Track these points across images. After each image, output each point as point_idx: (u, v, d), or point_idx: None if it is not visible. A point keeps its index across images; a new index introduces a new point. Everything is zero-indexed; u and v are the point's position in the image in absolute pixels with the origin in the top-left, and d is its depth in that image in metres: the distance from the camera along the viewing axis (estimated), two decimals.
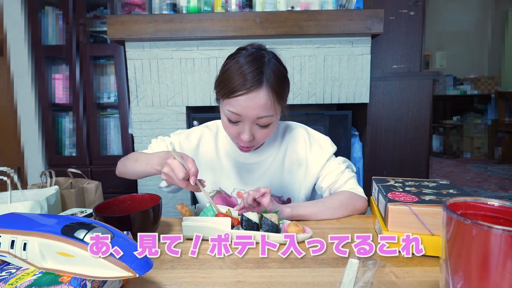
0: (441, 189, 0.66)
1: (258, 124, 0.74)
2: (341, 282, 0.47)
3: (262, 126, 0.74)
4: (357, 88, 1.71)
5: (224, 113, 0.75)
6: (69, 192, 1.09)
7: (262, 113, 0.72)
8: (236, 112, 0.71)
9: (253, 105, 0.70)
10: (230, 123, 0.75)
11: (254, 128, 0.74)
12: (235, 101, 0.70)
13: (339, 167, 0.87)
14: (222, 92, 0.73)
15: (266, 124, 0.75)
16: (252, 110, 0.71)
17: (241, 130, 0.74)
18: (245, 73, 0.70)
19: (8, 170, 0.78)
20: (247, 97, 0.70)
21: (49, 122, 2.06)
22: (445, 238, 0.36)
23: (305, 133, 0.91)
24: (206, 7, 1.71)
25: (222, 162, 0.90)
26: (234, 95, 0.70)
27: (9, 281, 0.41)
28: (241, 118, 0.72)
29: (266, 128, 0.75)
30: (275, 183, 0.89)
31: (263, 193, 0.70)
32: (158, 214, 0.65)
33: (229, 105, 0.72)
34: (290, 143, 0.90)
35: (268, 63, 0.73)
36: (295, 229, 0.64)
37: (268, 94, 0.71)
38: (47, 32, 2.05)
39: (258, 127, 0.75)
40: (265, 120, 0.73)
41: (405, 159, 1.90)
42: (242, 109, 0.71)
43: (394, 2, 1.88)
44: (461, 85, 4.73)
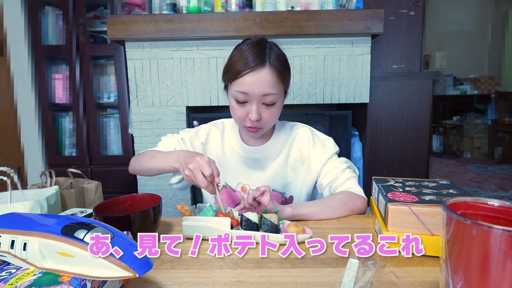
0: (441, 189, 0.66)
1: (264, 104, 0.79)
2: (341, 282, 0.47)
3: (268, 105, 0.79)
4: (357, 88, 1.71)
5: (232, 96, 0.80)
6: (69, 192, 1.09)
7: (267, 90, 0.77)
8: (243, 91, 0.77)
9: (258, 83, 0.76)
10: (238, 105, 0.79)
11: (260, 108, 0.79)
12: (242, 80, 0.76)
13: (340, 165, 0.89)
14: (229, 76, 0.79)
15: (272, 103, 0.79)
16: (258, 88, 0.76)
17: (248, 111, 0.79)
18: (249, 55, 0.77)
19: (8, 170, 0.78)
20: (252, 75, 0.76)
21: (49, 122, 2.06)
22: (445, 238, 0.36)
23: (309, 132, 0.94)
24: (206, 7, 1.71)
25: (228, 157, 0.93)
26: (240, 75, 0.76)
27: (9, 281, 0.41)
28: (248, 97, 0.77)
29: (271, 107, 0.80)
30: (278, 179, 0.92)
31: (263, 192, 0.71)
32: (158, 214, 0.65)
33: (236, 85, 0.77)
34: (295, 141, 0.93)
35: (270, 48, 0.80)
36: (295, 229, 0.64)
37: (272, 73, 0.77)
38: (47, 32, 2.05)
39: (264, 106, 0.79)
40: (270, 98, 0.78)
41: (405, 159, 1.90)
42: (249, 87, 0.76)
43: (394, 2, 1.88)
44: (461, 85, 4.73)
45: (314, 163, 0.91)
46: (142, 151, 0.92)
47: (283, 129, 0.95)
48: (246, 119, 0.80)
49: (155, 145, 1.75)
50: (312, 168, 0.91)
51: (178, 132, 0.99)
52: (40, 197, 0.83)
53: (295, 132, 0.94)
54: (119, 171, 2.05)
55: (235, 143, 0.93)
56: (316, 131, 0.96)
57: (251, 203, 0.72)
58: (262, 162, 0.92)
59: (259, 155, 0.91)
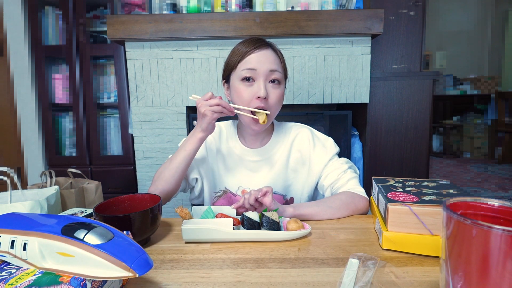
0: (441, 189, 0.66)
1: (271, 82, 0.82)
2: (341, 282, 0.47)
3: (274, 83, 0.83)
4: (357, 88, 1.71)
5: (238, 78, 0.83)
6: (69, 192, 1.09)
7: (273, 66, 0.82)
8: (251, 67, 0.81)
9: (265, 58, 0.81)
10: (245, 85, 0.82)
11: (267, 86, 0.82)
12: (249, 58, 0.81)
13: (342, 166, 0.89)
14: (234, 61, 0.83)
15: (278, 82, 0.83)
16: (265, 63, 0.81)
17: (255, 91, 0.81)
18: (252, 41, 0.84)
19: (8, 170, 0.78)
20: (259, 53, 0.81)
21: (49, 122, 2.06)
22: (445, 238, 0.36)
23: (309, 133, 0.93)
24: (206, 7, 1.71)
25: (227, 161, 0.92)
26: (247, 54, 0.81)
27: (9, 281, 0.41)
28: (256, 73, 0.81)
29: (277, 88, 0.83)
30: (279, 181, 0.91)
31: (265, 192, 0.70)
32: (158, 214, 0.65)
33: (244, 64, 0.81)
34: (295, 142, 0.93)
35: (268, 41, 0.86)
36: (295, 225, 0.65)
37: (276, 54, 0.84)
38: (47, 32, 2.05)
39: (271, 85, 0.82)
40: (276, 75, 0.82)
41: (405, 159, 1.90)
42: (256, 63, 0.81)
43: (394, 2, 1.88)
44: (461, 85, 4.73)
45: (315, 164, 0.91)
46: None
47: (283, 130, 0.95)
48: (253, 100, 0.81)
49: (155, 145, 1.77)
50: (313, 170, 0.91)
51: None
52: (40, 197, 0.83)
53: (294, 133, 0.94)
54: (119, 171, 2.05)
55: (234, 146, 0.92)
56: (315, 132, 0.96)
57: (252, 203, 0.71)
58: (263, 164, 0.91)
59: (259, 157, 0.91)
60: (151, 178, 1.76)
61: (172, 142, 1.72)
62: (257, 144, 0.92)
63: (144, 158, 1.74)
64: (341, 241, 0.64)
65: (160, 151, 1.72)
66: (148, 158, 1.73)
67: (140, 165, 1.76)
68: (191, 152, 0.81)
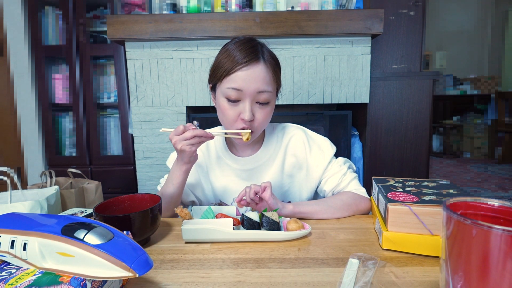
0: (441, 189, 0.66)
1: (258, 102, 0.75)
2: (341, 282, 0.47)
3: (261, 104, 0.75)
4: (357, 88, 1.71)
5: (222, 95, 0.75)
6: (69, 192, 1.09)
7: (262, 87, 0.73)
8: (236, 87, 0.72)
9: (253, 78, 0.72)
10: (230, 104, 0.75)
11: (254, 107, 0.75)
12: (235, 76, 0.72)
13: (341, 169, 0.86)
14: (219, 73, 0.75)
15: (266, 102, 0.76)
16: (253, 83, 0.72)
17: (241, 110, 0.74)
18: (242, 50, 0.73)
19: (8, 170, 0.78)
20: (247, 70, 0.72)
21: (49, 122, 2.06)
22: (445, 238, 0.36)
23: (303, 135, 0.89)
24: (206, 7, 1.71)
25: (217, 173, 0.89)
26: (233, 71, 0.72)
27: (9, 281, 0.41)
28: (241, 94, 0.73)
29: (265, 107, 0.76)
30: (275, 188, 0.88)
31: (264, 187, 0.70)
32: (158, 214, 0.65)
33: (229, 82, 0.73)
34: (289, 146, 0.88)
35: (262, 46, 0.77)
36: (295, 225, 0.64)
37: (267, 69, 0.74)
38: (47, 32, 2.05)
39: (258, 106, 0.75)
40: (265, 96, 0.74)
41: (405, 159, 1.90)
42: (243, 82, 0.72)
43: (394, 2, 1.88)
44: (461, 85, 4.73)
45: (313, 169, 0.87)
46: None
47: (274, 134, 0.90)
48: (238, 121, 0.76)
49: (155, 145, 1.77)
50: (312, 175, 0.87)
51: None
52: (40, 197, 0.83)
53: (288, 136, 0.89)
54: (119, 171, 2.05)
55: (224, 156, 0.88)
56: (309, 132, 0.92)
57: (253, 197, 0.70)
58: (256, 173, 0.87)
59: (252, 166, 0.86)
60: (151, 178, 1.76)
61: None
62: (248, 151, 0.88)
63: (144, 158, 1.74)
64: (341, 241, 0.64)
65: (160, 151, 1.72)
66: (148, 158, 1.74)
67: (140, 165, 1.76)
68: (179, 185, 0.77)
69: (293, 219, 0.66)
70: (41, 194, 0.84)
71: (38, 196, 0.84)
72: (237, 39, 0.78)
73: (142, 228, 0.61)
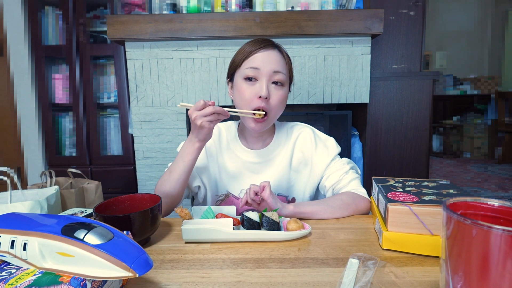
0: (441, 189, 0.66)
1: (273, 82, 0.81)
2: (341, 282, 0.47)
3: (277, 85, 0.82)
4: (357, 88, 1.71)
5: (241, 77, 0.82)
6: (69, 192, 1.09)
7: (277, 67, 0.81)
8: (255, 66, 0.80)
9: (270, 59, 0.81)
10: (247, 84, 0.81)
11: (270, 87, 0.81)
12: (253, 57, 0.81)
13: (344, 167, 0.88)
14: (239, 59, 0.83)
15: (281, 83, 0.82)
16: (269, 63, 0.80)
17: (257, 90, 0.80)
18: (259, 40, 0.83)
19: (8, 170, 0.78)
20: (264, 53, 0.81)
21: (49, 122, 2.06)
22: (445, 238, 0.36)
23: (311, 133, 0.93)
24: (206, 7, 1.71)
25: (228, 164, 0.91)
26: (252, 53, 0.81)
27: (9, 281, 0.41)
28: (259, 72, 0.80)
29: (280, 89, 0.82)
30: (283, 182, 0.90)
31: (263, 187, 0.72)
32: (158, 214, 0.65)
33: (248, 63, 0.81)
34: (297, 142, 0.92)
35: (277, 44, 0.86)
36: (295, 225, 0.64)
37: (281, 55, 0.84)
38: (47, 32, 2.05)
39: (273, 86, 0.82)
40: (279, 76, 0.81)
41: (405, 159, 1.90)
42: (261, 62, 0.80)
43: (394, 2, 1.88)
44: (461, 85, 4.73)
45: (317, 165, 0.90)
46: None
47: (284, 130, 0.94)
48: (254, 100, 0.80)
49: (155, 145, 1.77)
50: (315, 170, 0.90)
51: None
52: (40, 197, 0.83)
53: (296, 133, 0.93)
54: (119, 171, 2.05)
55: (235, 148, 0.91)
56: (317, 131, 0.95)
57: (253, 197, 0.72)
58: (266, 166, 0.90)
59: (261, 159, 0.89)
60: (151, 178, 1.76)
61: (172, 142, 1.72)
62: (259, 145, 0.91)
63: (144, 158, 1.74)
64: (341, 241, 0.64)
65: (160, 151, 1.72)
66: (148, 158, 1.74)
67: (140, 165, 1.76)
68: (190, 162, 0.78)
69: (293, 219, 0.67)
70: (41, 194, 0.84)
71: (38, 196, 0.84)
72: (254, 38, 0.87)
73: (142, 228, 0.61)
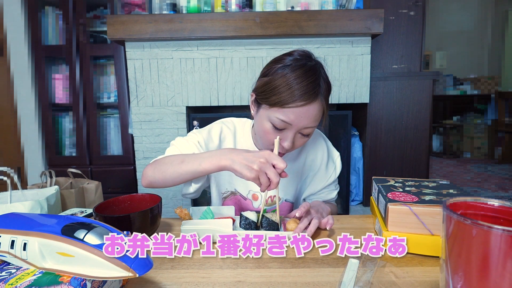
0: (441, 189, 0.66)
1: (301, 133, 0.74)
2: (341, 282, 0.47)
3: (303, 135, 0.74)
4: (357, 88, 1.71)
5: (269, 119, 0.72)
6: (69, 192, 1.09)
7: (311, 124, 0.72)
8: (288, 121, 0.70)
9: (306, 116, 0.70)
10: (274, 130, 0.72)
11: (296, 137, 0.74)
12: (290, 110, 0.69)
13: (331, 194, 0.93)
14: (273, 100, 0.70)
15: (308, 134, 0.75)
16: (304, 120, 0.70)
17: (282, 137, 0.73)
18: (303, 84, 0.68)
19: (8, 170, 0.78)
20: (303, 109, 0.69)
21: (49, 122, 2.06)
22: (445, 238, 0.36)
23: (325, 146, 0.92)
24: (206, 7, 1.71)
25: None
26: (289, 106, 0.68)
27: (9, 281, 0.41)
28: (290, 126, 0.71)
29: (306, 137, 0.75)
30: (292, 188, 0.90)
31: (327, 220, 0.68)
32: (158, 214, 0.65)
33: (281, 113, 0.70)
34: (311, 151, 0.91)
35: (321, 76, 0.72)
36: (295, 225, 0.64)
37: (322, 107, 0.72)
38: (47, 32, 2.05)
39: (300, 135, 0.74)
40: (309, 130, 0.73)
41: (405, 159, 1.90)
42: (295, 119, 0.70)
43: (394, 2, 1.88)
44: (461, 85, 4.73)
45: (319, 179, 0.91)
46: (153, 161, 0.81)
47: None
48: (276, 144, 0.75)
49: (155, 145, 1.77)
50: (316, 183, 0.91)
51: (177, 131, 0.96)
52: (40, 197, 0.83)
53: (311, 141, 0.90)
54: (119, 171, 2.05)
55: (248, 147, 0.87)
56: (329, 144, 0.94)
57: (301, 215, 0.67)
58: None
59: None
60: None
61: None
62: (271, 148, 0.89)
63: (144, 158, 1.74)
64: None
65: (160, 151, 1.72)
66: (148, 158, 1.73)
67: (140, 165, 1.76)
68: (204, 172, 0.69)
69: (293, 219, 0.66)
70: (41, 194, 0.84)
71: (38, 196, 0.84)
72: (295, 61, 0.72)
73: (142, 228, 0.61)
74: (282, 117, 0.70)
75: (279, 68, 0.72)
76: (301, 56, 0.73)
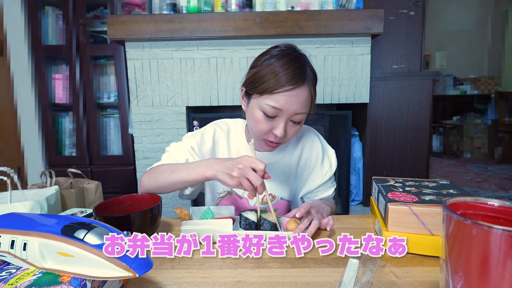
0: (441, 189, 0.66)
1: (292, 121, 0.76)
2: (341, 282, 0.47)
3: (295, 122, 0.76)
4: (357, 88, 1.71)
5: (259, 108, 0.74)
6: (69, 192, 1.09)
7: (301, 109, 0.74)
8: (278, 107, 0.72)
9: (296, 101, 0.72)
10: (266, 119, 0.74)
11: (287, 125, 0.76)
12: (279, 95, 0.71)
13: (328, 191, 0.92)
14: (262, 88, 0.73)
15: (299, 121, 0.77)
16: (294, 105, 0.72)
17: (274, 126, 0.75)
18: (290, 70, 0.71)
19: (8, 170, 0.78)
20: (292, 93, 0.71)
21: (49, 122, 2.06)
22: (445, 238, 0.36)
23: (319, 143, 0.92)
24: (206, 7, 1.71)
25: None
26: (277, 91, 0.71)
27: (9, 281, 0.41)
28: (280, 113, 0.73)
29: (297, 125, 0.77)
30: (287, 186, 0.90)
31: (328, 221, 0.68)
32: (158, 214, 0.65)
33: (271, 99, 0.72)
34: (305, 149, 0.91)
35: (306, 64, 0.76)
36: (295, 225, 0.64)
37: (309, 91, 0.74)
38: (47, 32, 2.05)
39: (291, 123, 0.76)
40: (300, 117, 0.75)
41: (405, 159, 1.90)
42: (285, 104, 0.72)
43: (394, 2, 1.88)
44: (461, 85, 4.73)
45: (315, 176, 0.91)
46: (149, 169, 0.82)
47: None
48: (269, 134, 0.76)
49: (155, 145, 1.77)
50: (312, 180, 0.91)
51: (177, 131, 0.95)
52: (40, 197, 0.83)
53: (305, 139, 0.91)
54: (119, 171, 2.05)
55: (242, 148, 0.88)
56: (323, 141, 0.94)
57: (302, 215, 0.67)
58: (271, 169, 0.88)
59: (268, 161, 0.87)
60: None
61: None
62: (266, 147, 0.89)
63: (144, 158, 1.74)
64: None
65: (160, 151, 1.72)
66: (148, 158, 1.73)
67: (140, 165, 1.76)
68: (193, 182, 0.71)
69: (293, 219, 0.66)
70: (41, 194, 0.84)
71: (38, 196, 0.84)
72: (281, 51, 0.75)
73: (142, 228, 0.61)
74: (272, 103, 0.72)
75: (265, 59, 0.75)
76: (286, 47, 0.77)
